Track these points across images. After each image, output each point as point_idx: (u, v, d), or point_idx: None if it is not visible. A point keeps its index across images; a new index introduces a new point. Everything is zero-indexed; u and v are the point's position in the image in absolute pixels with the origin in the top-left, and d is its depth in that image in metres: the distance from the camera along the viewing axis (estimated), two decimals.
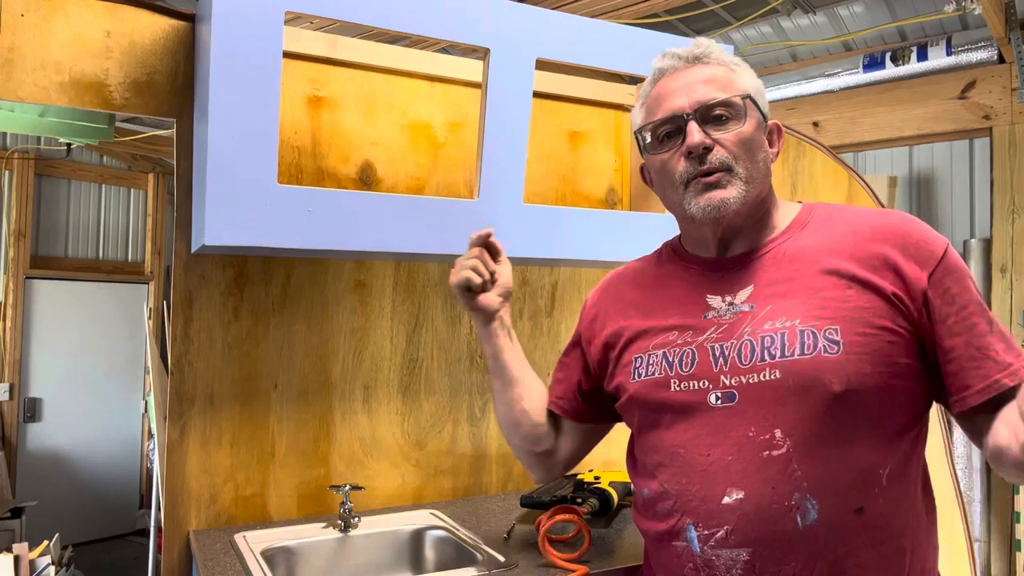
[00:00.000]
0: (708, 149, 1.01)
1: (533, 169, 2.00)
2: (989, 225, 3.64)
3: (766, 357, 0.97)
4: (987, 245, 3.63)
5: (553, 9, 2.29)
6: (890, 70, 3.65)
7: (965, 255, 3.72)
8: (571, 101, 2.10)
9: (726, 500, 0.96)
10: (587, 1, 2.80)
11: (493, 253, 1.31)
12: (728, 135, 1.02)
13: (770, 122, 1.08)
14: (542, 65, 1.63)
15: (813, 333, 0.96)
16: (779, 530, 0.94)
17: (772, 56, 4.24)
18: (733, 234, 1.08)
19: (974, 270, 3.66)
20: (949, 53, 3.50)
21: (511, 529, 1.65)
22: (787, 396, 0.95)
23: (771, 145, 1.08)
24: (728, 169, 1.01)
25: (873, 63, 3.70)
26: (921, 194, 4.10)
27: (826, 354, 0.94)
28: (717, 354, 1.01)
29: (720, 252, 1.09)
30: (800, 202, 1.12)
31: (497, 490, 2.02)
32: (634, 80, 2.24)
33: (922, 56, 3.56)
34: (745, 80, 1.06)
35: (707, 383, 1.00)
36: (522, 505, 1.74)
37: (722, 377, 0.99)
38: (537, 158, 2.02)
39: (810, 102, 4.04)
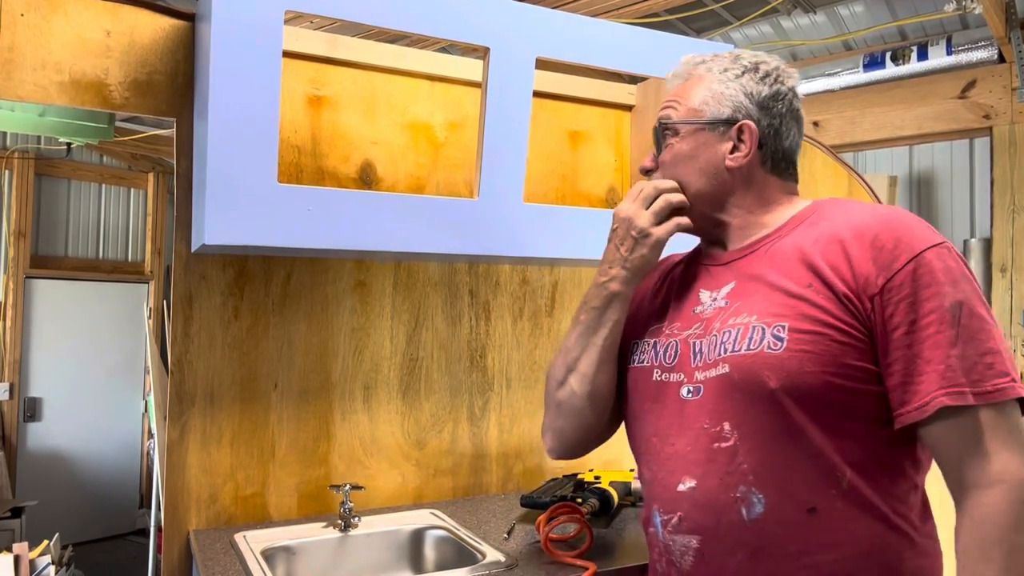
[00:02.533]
0: (648, 171, 1.16)
1: (533, 169, 2.00)
2: (989, 224, 3.64)
3: (721, 352, 1.00)
4: (987, 244, 3.63)
5: (553, 8, 2.29)
6: (890, 70, 3.65)
7: (965, 254, 3.71)
8: (571, 101, 2.10)
9: (680, 488, 1.01)
10: (587, 0, 2.80)
11: None
12: (663, 155, 1.13)
13: (737, 124, 1.07)
14: (542, 64, 1.63)
15: (763, 329, 0.97)
16: (725, 521, 0.97)
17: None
18: (715, 234, 1.13)
19: (974, 269, 3.66)
20: (949, 53, 3.50)
21: (511, 529, 1.65)
22: (733, 390, 0.98)
23: (735, 149, 1.07)
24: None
25: (873, 63, 3.69)
26: (921, 194, 4.10)
27: (769, 350, 0.95)
28: (696, 349, 1.04)
29: (718, 250, 1.13)
30: (811, 200, 1.11)
31: (497, 490, 2.02)
32: (634, 80, 2.23)
33: (922, 56, 3.56)
34: (698, 94, 1.10)
35: (683, 376, 1.04)
36: (522, 505, 1.74)
37: (696, 372, 1.03)
38: (537, 158, 2.02)
39: (810, 101, 4.04)
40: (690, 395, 1.02)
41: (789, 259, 1.01)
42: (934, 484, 1.00)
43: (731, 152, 1.08)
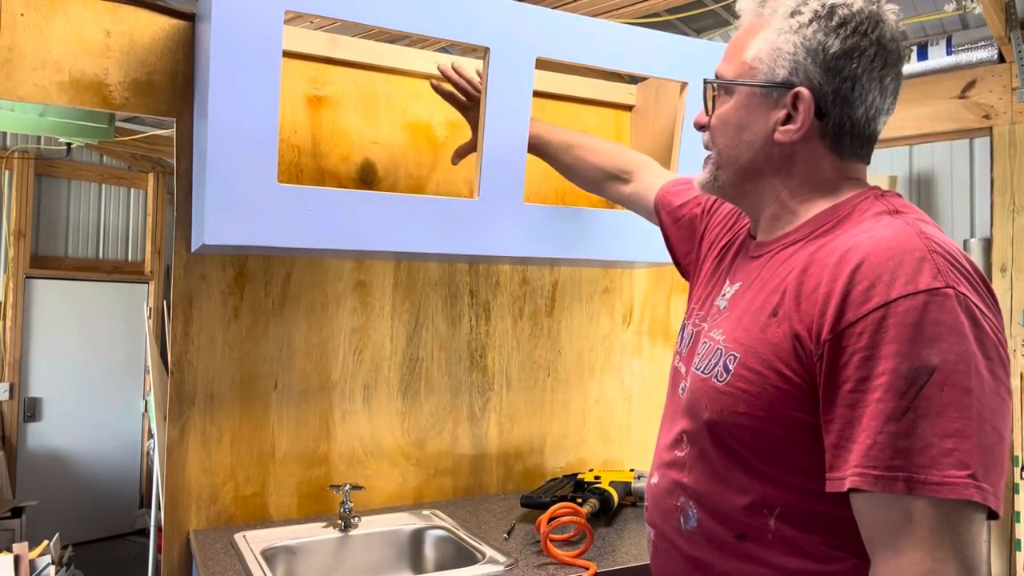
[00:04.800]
0: (703, 128, 1.00)
1: (533, 169, 2.00)
2: (989, 224, 3.64)
3: (692, 365, 0.99)
4: (987, 244, 3.63)
5: (553, 8, 2.29)
6: None
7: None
8: (571, 101, 2.10)
9: (652, 479, 1.05)
10: (587, 1, 2.80)
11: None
12: (713, 116, 0.96)
13: (792, 90, 0.88)
14: (542, 64, 1.63)
15: (720, 353, 0.91)
16: (668, 526, 0.99)
17: None
18: (752, 219, 1.01)
19: None
20: (949, 52, 3.50)
21: (511, 529, 1.65)
22: (686, 407, 0.97)
23: (788, 120, 0.89)
24: (709, 150, 0.99)
25: None
26: (921, 194, 4.10)
27: (715, 380, 0.90)
28: (696, 357, 1.00)
29: (757, 236, 1.00)
30: (855, 192, 0.92)
31: (497, 490, 2.02)
32: (634, 80, 2.23)
33: (922, 55, 3.55)
34: (754, 45, 0.91)
35: (686, 371, 1.01)
36: (522, 505, 1.74)
37: (692, 370, 1.00)
38: (537, 158, 2.02)
39: None
40: (683, 392, 1.01)
41: (776, 275, 0.90)
42: None
43: (783, 123, 0.89)
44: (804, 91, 0.87)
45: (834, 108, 0.87)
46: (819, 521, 0.84)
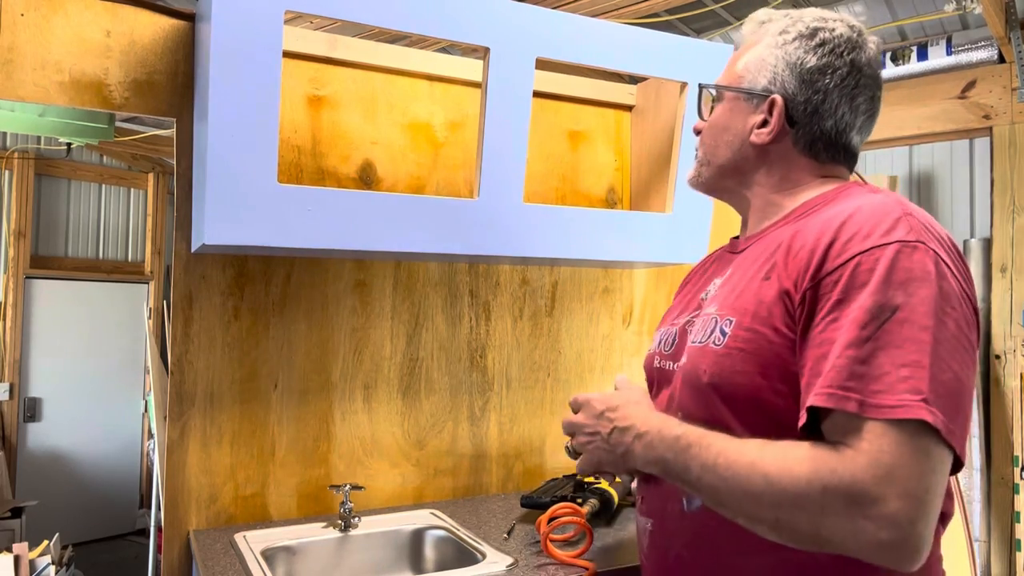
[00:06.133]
0: (698, 133, 1.11)
1: (533, 169, 2.00)
2: (989, 225, 3.64)
3: (688, 342, 1.02)
4: (987, 245, 3.63)
5: (553, 9, 2.29)
6: (890, 70, 3.65)
7: (965, 254, 3.71)
8: (571, 101, 2.10)
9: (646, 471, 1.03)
10: (587, 1, 2.80)
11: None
12: (706, 120, 1.09)
13: (768, 97, 0.99)
14: (542, 64, 1.63)
15: (716, 321, 0.95)
16: (669, 510, 0.99)
17: None
18: (741, 211, 1.10)
19: (974, 270, 3.66)
20: (949, 53, 3.50)
21: (511, 529, 1.65)
22: (684, 381, 0.99)
23: (764, 124, 1.00)
24: (699, 151, 1.10)
25: None
26: (921, 194, 4.10)
27: (713, 345, 0.93)
28: (689, 337, 1.04)
29: (743, 233, 1.11)
30: (838, 183, 1.01)
31: (497, 490, 2.02)
32: (634, 80, 2.23)
33: (922, 56, 3.56)
34: (744, 58, 1.04)
35: (674, 364, 1.05)
36: (522, 505, 1.74)
37: (683, 357, 1.03)
38: (537, 158, 2.02)
39: None
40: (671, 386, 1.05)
41: (767, 249, 0.96)
42: None
43: (759, 127, 1.00)
44: (778, 99, 0.98)
45: (804, 117, 0.98)
46: None
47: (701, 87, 1.10)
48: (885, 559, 0.74)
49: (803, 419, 0.81)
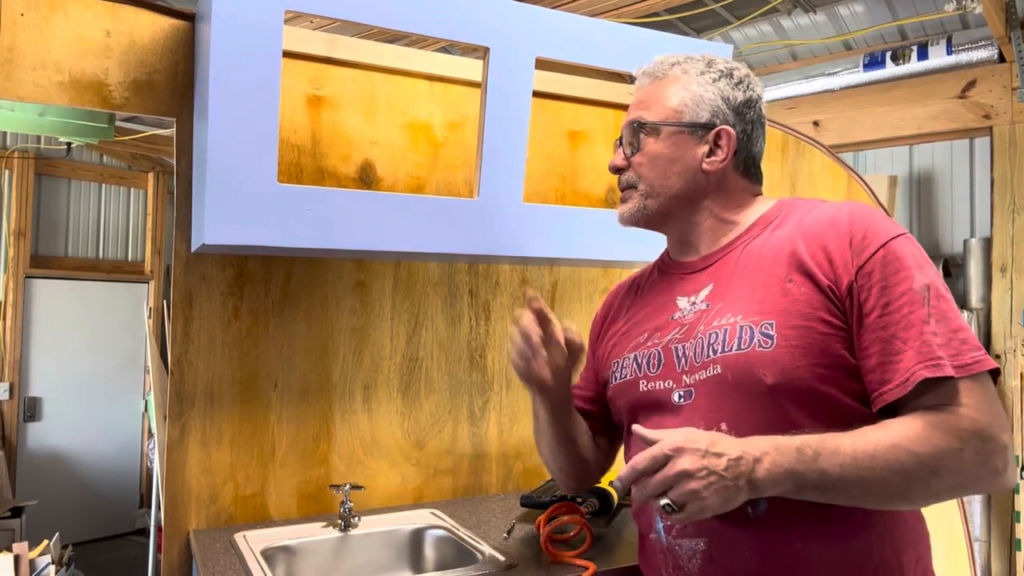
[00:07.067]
0: (620, 170, 1.16)
1: (533, 168, 2.00)
2: (989, 224, 3.64)
3: (710, 353, 1.01)
4: (987, 244, 3.63)
5: (553, 8, 2.29)
6: (890, 69, 3.65)
7: (965, 254, 3.71)
8: (571, 100, 2.10)
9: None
10: (586, 0, 2.80)
11: (542, 322, 1.15)
12: (637, 155, 1.13)
13: (715, 129, 1.09)
14: (542, 64, 1.63)
15: (751, 328, 0.98)
16: (731, 521, 0.97)
17: (772, 55, 4.24)
18: (685, 236, 1.15)
19: (974, 269, 3.66)
20: (949, 52, 3.50)
21: (511, 529, 1.65)
22: (729, 391, 0.99)
23: (712, 153, 1.10)
24: (633, 186, 1.14)
25: (873, 62, 3.69)
26: (921, 193, 4.10)
27: (760, 348, 0.96)
28: (680, 354, 1.06)
29: (690, 254, 1.15)
30: (776, 199, 1.14)
31: (497, 490, 2.02)
32: (634, 80, 2.23)
33: (922, 55, 3.56)
34: (676, 95, 1.10)
35: (671, 383, 1.06)
36: (522, 505, 1.74)
37: (684, 376, 1.04)
38: (537, 157, 2.02)
39: (810, 101, 4.04)
40: (682, 400, 1.04)
41: (767, 256, 1.03)
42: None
43: (708, 156, 1.10)
44: (730, 129, 1.09)
45: (743, 144, 1.12)
46: None
47: (641, 124, 1.12)
48: (1001, 484, 0.91)
49: (901, 392, 0.91)
